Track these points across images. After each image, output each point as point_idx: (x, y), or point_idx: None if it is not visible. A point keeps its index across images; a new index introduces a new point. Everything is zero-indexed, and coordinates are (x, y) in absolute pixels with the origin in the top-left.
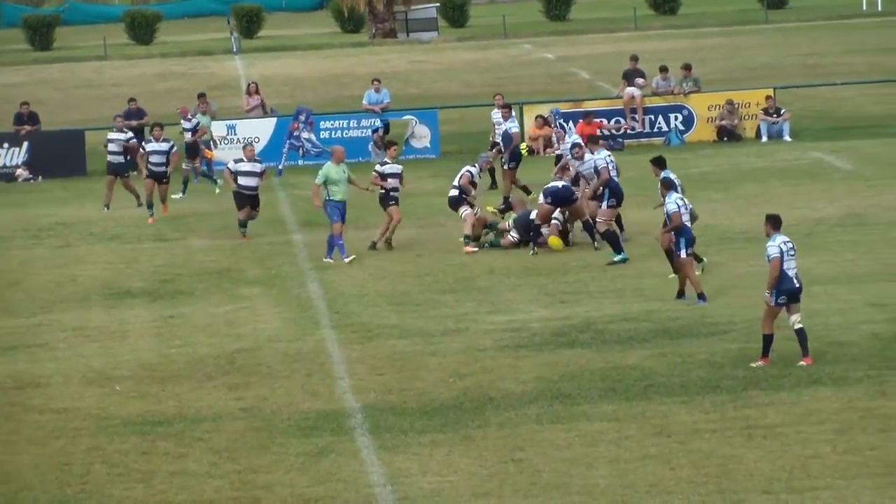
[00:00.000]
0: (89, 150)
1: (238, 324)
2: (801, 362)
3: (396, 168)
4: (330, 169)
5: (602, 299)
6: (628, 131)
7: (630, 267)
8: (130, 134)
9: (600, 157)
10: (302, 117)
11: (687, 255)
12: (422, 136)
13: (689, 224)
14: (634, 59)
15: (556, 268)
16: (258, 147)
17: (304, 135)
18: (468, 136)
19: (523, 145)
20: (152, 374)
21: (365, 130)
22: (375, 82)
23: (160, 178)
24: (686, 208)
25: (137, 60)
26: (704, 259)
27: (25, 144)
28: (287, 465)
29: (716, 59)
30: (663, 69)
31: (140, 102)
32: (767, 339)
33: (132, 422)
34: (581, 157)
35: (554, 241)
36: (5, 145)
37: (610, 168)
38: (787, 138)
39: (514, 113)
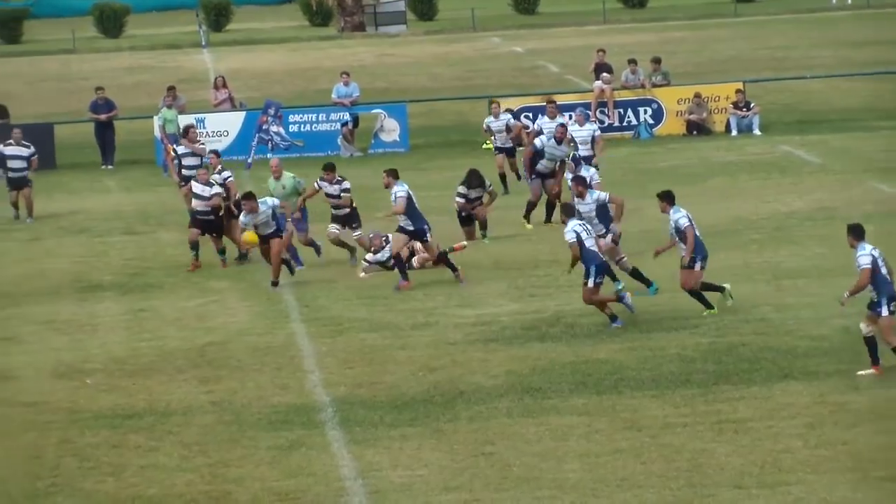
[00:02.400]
0: (58, 144)
1: (208, 317)
2: (871, 370)
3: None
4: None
5: (572, 293)
6: (597, 125)
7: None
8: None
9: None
10: (271, 111)
11: (595, 284)
12: (391, 130)
13: (594, 249)
14: (602, 52)
15: (526, 262)
16: (226, 141)
17: (273, 128)
18: (437, 129)
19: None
20: (123, 367)
21: (334, 124)
22: (344, 76)
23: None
24: (590, 233)
25: (106, 54)
26: (727, 286)
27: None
28: (258, 458)
29: (685, 52)
30: (632, 62)
31: (109, 95)
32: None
33: (103, 415)
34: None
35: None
36: None
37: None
38: (757, 132)
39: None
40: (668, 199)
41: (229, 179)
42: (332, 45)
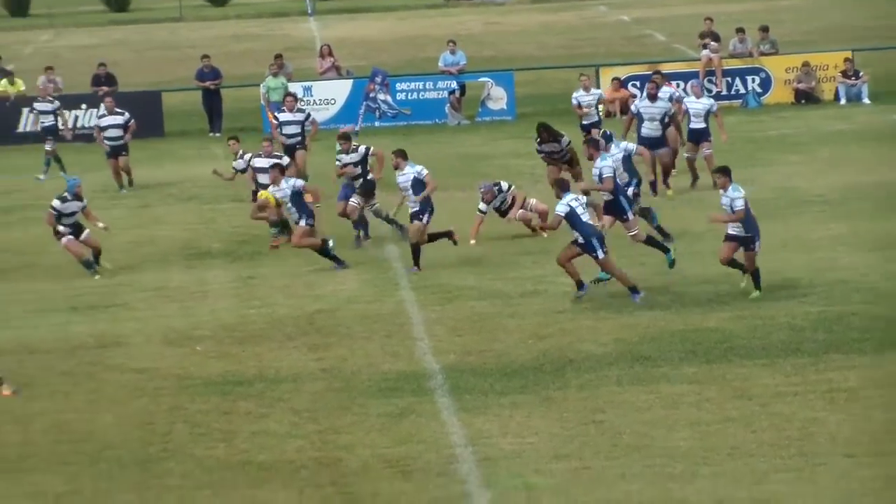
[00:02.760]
0: (166, 112)
1: (317, 285)
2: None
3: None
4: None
5: (681, 262)
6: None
7: (710, 230)
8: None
9: (605, 164)
10: (378, 79)
11: (604, 252)
12: (498, 98)
13: (590, 221)
14: (710, 20)
15: None
16: (333, 109)
17: (381, 96)
18: (544, 97)
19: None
20: (232, 334)
21: (441, 92)
22: (451, 44)
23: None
24: (585, 208)
25: (213, 22)
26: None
27: (103, 106)
28: (368, 425)
29: (792, 20)
30: (740, 31)
31: (215, 63)
32: None
33: (213, 382)
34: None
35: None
36: (83, 106)
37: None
38: (866, 101)
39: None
40: (727, 174)
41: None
42: (439, 13)
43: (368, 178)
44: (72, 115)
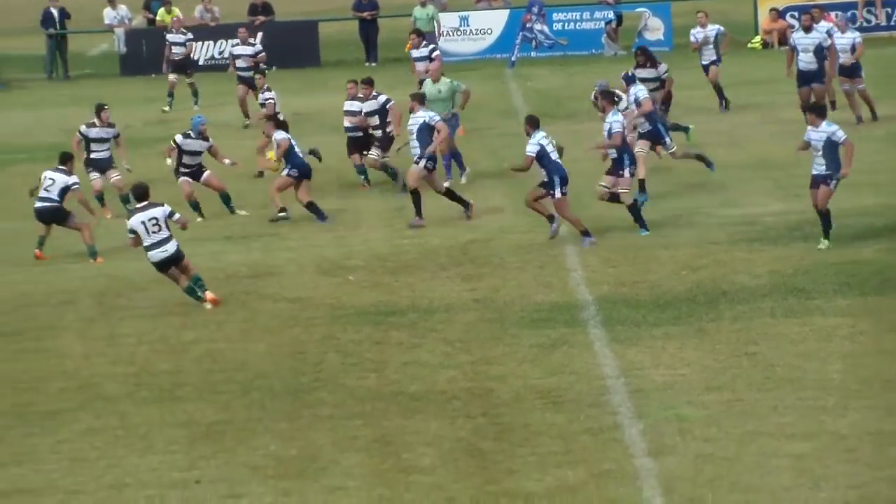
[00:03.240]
0: (322, 42)
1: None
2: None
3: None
4: (427, 86)
5: (836, 193)
6: (863, 24)
7: (863, 160)
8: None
9: (616, 118)
10: (535, 9)
11: (563, 193)
12: (655, 29)
13: (559, 160)
14: None
15: (790, 161)
16: (490, 39)
17: (537, 27)
18: None
19: (756, 39)
20: (385, 264)
21: (598, 22)
22: None
23: None
24: (554, 146)
25: None
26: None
27: (259, 35)
28: (520, 356)
29: None
30: None
31: None
32: None
33: (365, 311)
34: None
35: None
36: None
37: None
38: None
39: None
40: (820, 113)
41: (269, 101)
42: None
43: (388, 130)
44: (227, 44)
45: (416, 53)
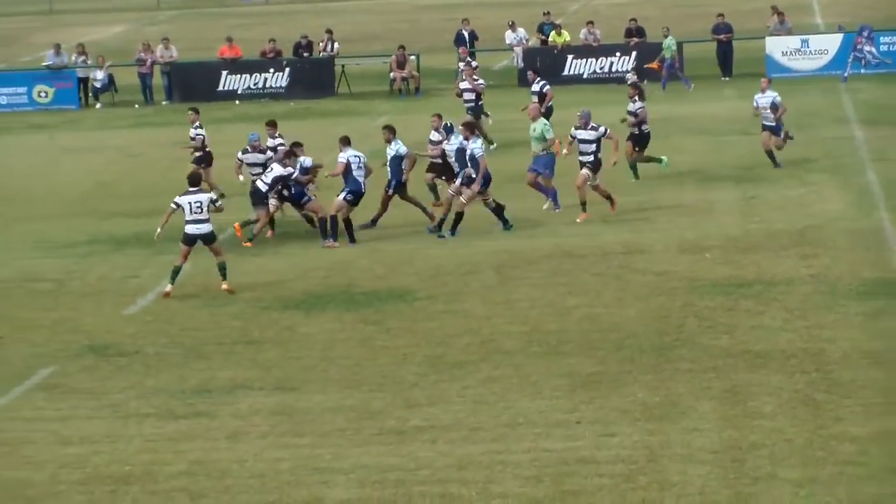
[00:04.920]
0: (686, 60)
1: (808, 204)
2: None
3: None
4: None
5: None
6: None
7: None
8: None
9: (476, 145)
10: (865, 33)
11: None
12: None
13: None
14: None
15: None
16: (825, 58)
17: (867, 48)
18: None
19: None
20: (736, 244)
21: None
22: None
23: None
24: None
25: None
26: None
27: (633, 54)
28: (848, 322)
29: None
30: None
31: (728, 19)
32: None
33: (718, 283)
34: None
35: None
36: (617, 54)
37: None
38: None
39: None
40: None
41: (199, 136)
42: None
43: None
44: (607, 61)
45: (535, 87)
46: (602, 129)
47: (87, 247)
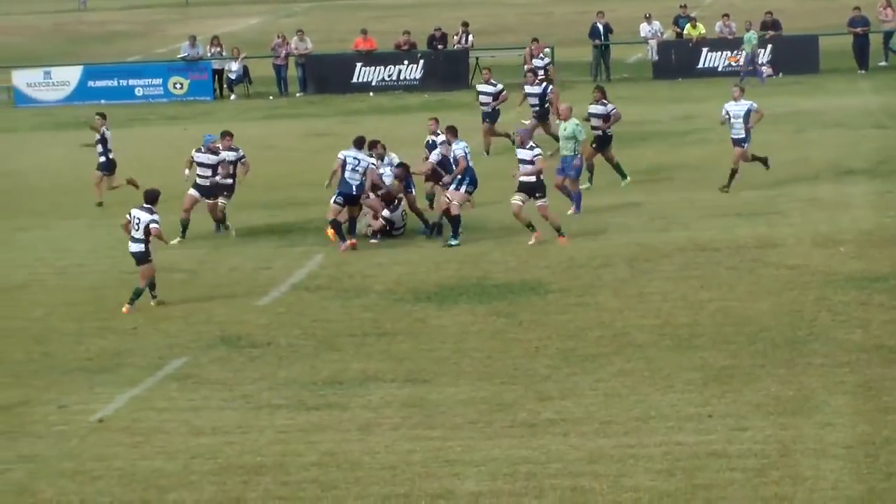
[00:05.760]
0: (822, 52)
1: None
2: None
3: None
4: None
5: None
6: None
7: None
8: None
9: (459, 146)
10: None
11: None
12: None
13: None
14: None
15: None
16: None
17: None
18: None
19: None
20: (870, 238)
21: None
22: None
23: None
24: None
25: None
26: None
27: (769, 47)
28: None
29: None
30: None
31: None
32: None
33: (852, 278)
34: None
35: None
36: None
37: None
38: None
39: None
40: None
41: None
42: None
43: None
44: (742, 54)
45: (534, 90)
46: (538, 150)
47: (220, 238)
